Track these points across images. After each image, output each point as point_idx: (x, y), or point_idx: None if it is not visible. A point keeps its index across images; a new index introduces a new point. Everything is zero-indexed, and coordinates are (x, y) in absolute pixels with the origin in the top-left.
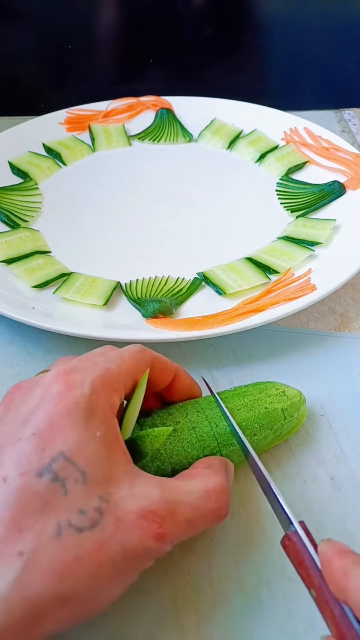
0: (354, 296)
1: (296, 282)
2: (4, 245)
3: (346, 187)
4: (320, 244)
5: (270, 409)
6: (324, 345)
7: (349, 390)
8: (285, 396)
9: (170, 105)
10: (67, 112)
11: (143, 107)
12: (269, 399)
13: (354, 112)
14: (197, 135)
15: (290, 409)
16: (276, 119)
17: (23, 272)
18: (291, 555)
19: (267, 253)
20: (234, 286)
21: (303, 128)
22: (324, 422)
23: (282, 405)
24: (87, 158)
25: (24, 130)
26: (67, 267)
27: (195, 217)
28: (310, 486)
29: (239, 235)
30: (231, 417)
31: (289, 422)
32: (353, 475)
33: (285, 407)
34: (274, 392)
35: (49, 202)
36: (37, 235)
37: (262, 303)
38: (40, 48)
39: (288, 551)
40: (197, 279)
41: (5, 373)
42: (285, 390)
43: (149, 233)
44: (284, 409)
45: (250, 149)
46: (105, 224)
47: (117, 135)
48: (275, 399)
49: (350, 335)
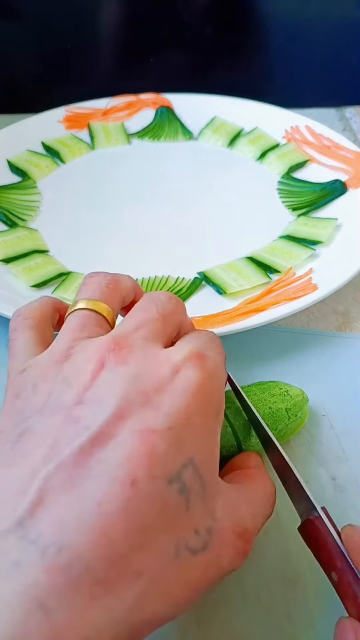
0: (356, 296)
1: (297, 282)
2: (2, 244)
3: (348, 186)
4: (322, 243)
5: (274, 409)
6: (325, 345)
7: (351, 390)
8: (289, 396)
9: (170, 103)
10: (66, 110)
11: (142, 105)
12: (273, 399)
13: (355, 110)
14: (198, 134)
15: (294, 409)
16: (277, 117)
17: (21, 271)
18: (312, 540)
19: (268, 252)
20: (235, 286)
21: (304, 126)
22: (326, 422)
23: (285, 405)
24: (86, 156)
25: (23, 129)
26: (66, 267)
27: (196, 215)
28: (312, 487)
29: (240, 234)
30: (253, 407)
31: (292, 422)
32: (354, 476)
33: (289, 407)
34: (277, 392)
35: (48, 201)
36: (35, 235)
37: (263, 303)
38: (40, 46)
39: (309, 536)
40: (198, 278)
41: (5, 373)
42: (288, 389)
43: (149, 232)
44: (287, 409)
45: (251, 147)
46: (105, 223)
47: (117, 134)
48: (279, 398)
49: (352, 335)
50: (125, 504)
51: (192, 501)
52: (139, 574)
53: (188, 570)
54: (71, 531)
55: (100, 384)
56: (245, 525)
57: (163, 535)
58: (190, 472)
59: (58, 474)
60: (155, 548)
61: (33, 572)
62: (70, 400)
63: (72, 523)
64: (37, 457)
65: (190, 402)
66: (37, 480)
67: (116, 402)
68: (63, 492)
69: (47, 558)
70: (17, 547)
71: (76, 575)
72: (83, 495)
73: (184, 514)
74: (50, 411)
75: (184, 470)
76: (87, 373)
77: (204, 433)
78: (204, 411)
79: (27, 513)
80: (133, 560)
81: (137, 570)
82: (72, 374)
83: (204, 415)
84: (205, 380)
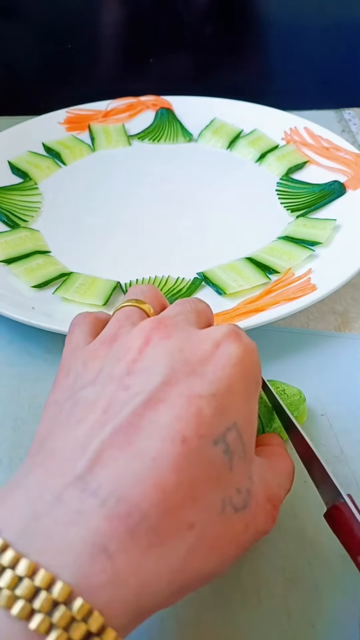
0: (355, 296)
1: (296, 282)
2: (3, 245)
3: (346, 187)
4: (321, 244)
5: (270, 408)
6: (324, 345)
7: (350, 390)
8: (285, 395)
9: (170, 104)
10: (66, 111)
11: (143, 106)
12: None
13: (354, 112)
14: (197, 135)
15: (290, 408)
16: (276, 119)
17: (23, 272)
18: (339, 525)
19: (267, 253)
20: (234, 286)
21: (303, 128)
22: (324, 422)
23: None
24: (87, 158)
25: (24, 130)
26: (67, 267)
27: (195, 216)
28: (311, 486)
29: (239, 235)
30: (276, 394)
31: None
32: (353, 476)
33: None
34: (273, 390)
35: (49, 202)
36: (36, 235)
37: (262, 303)
38: (40, 47)
39: (335, 522)
40: (197, 278)
41: (5, 373)
42: (285, 388)
43: (149, 233)
44: None
45: (250, 148)
46: (105, 224)
47: (117, 135)
48: None
49: (351, 335)
50: (177, 459)
51: (234, 462)
52: (190, 526)
53: (232, 526)
54: (128, 484)
55: (148, 357)
56: (273, 491)
57: (211, 490)
58: (233, 435)
59: (114, 435)
60: (204, 502)
61: (94, 519)
62: (120, 371)
63: (129, 476)
64: (92, 421)
65: (232, 372)
66: (95, 440)
67: (164, 370)
68: (119, 450)
69: (107, 507)
70: (79, 498)
71: (134, 523)
72: (138, 452)
73: (228, 473)
74: (102, 382)
75: (228, 433)
76: (135, 348)
77: (245, 401)
78: (245, 381)
79: (87, 469)
80: (185, 512)
81: (189, 522)
82: (121, 350)
83: (244, 385)
84: (244, 353)
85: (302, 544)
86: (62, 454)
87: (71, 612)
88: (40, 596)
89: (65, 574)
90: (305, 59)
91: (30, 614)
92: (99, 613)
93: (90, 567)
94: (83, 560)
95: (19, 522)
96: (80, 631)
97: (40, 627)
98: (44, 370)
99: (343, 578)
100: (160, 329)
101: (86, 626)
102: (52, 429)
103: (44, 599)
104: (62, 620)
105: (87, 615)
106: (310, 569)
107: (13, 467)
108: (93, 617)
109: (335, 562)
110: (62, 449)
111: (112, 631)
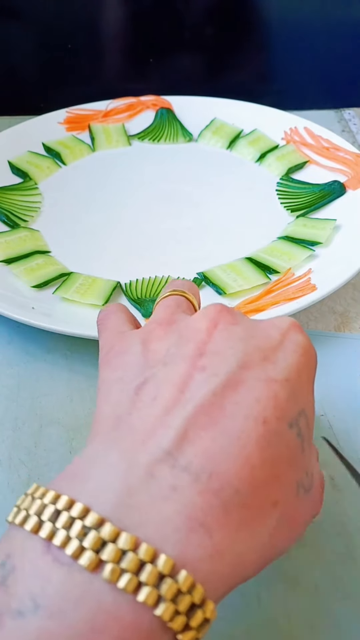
0: (355, 296)
1: (296, 282)
2: (3, 245)
3: (346, 187)
4: (321, 244)
5: None
6: (324, 345)
7: (349, 390)
8: None
9: (170, 104)
10: (66, 111)
11: (143, 106)
12: None
13: (354, 112)
14: (197, 135)
15: None
16: (276, 119)
17: (22, 272)
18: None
19: (267, 253)
20: (234, 286)
21: (303, 128)
22: (324, 422)
23: None
24: (87, 158)
25: (24, 130)
26: (67, 267)
27: (195, 217)
28: None
29: (239, 235)
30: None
31: None
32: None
33: None
34: None
35: (49, 202)
36: (36, 235)
37: (262, 303)
38: (40, 48)
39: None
40: (197, 278)
41: (5, 373)
42: None
43: (149, 233)
44: None
45: (250, 148)
46: (105, 224)
47: (117, 135)
48: None
49: (351, 335)
50: (259, 438)
51: (305, 445)
52: (275, 503)
53: (303, 506)
54: (218, 460)
55: (218, 339)
56: (321, 475)
57: (289, 471)
58: (304, 420)
59: (197, 414)
60: (284, 481)
61: (189, 495)
62: (191, 352)
63: (218, 453)
64: (169, 399)
65: (300, 360)
66: (177, 419)
67: (238, 354)
68: (204, 429)
69: (201, 483)
70: (171, 473)
71: (227, 497)
72: (223, 430)
73: (301, 455)
74: (173, 362)
75: (300, 418)
76: (203, 330)
77: (310, 389)
78: (309, 370)
79: (174, 445)
80: (270, 489)
81: (274, 500)
82: (188, 332)
83: (309, 374)
84: (309, 344)
85: (302, 544)
86: (143, 430)
87: (177, 585)
88: (146, 569)
89: (167, 547)
90: (305, 59)
91: (137, 587)
92: (201, 585)
93: (190, 541)
94: (182, 535)
95: (112, 496)
96: (185, 603)
97: (149, 599)
98: (44, 370)
99: (343, 578)
100: (226, 314)
101: (190, 598)
102: (123, 406)
103: (149, 571)
104: (169, 593)
105: (191, 588)
106: (310, 570)
107: (13, 467)
108: (196, 590)
109: (335, 562)
110: (141, 426)
111: (211, 603)
